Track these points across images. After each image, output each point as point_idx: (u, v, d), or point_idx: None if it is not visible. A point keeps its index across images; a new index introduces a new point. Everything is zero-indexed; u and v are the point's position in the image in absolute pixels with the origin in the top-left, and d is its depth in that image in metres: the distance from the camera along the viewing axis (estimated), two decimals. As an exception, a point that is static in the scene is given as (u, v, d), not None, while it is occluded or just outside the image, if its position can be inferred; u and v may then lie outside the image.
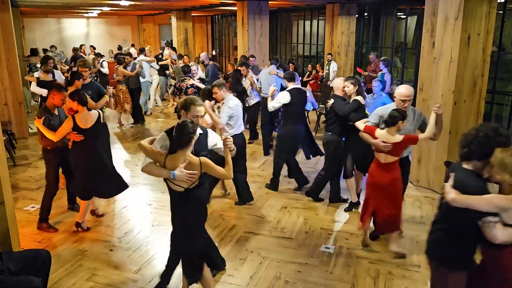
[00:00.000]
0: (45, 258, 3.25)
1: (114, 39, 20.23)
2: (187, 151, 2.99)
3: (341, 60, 12.17)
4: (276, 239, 4.53)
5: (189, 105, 3.22)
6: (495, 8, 5.22)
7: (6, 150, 6.08)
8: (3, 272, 2.96)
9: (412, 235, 4.55)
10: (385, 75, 8.82)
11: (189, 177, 2.95)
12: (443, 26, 5.28)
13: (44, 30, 18.49)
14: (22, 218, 4.93)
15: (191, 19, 15.80)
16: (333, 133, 5.07)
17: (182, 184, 3.01)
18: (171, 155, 3.00)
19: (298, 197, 5.63)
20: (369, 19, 12.66)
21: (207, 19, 21.67)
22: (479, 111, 5.53)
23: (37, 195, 5.65)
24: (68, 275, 3.85)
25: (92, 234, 4.65)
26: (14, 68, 8.11)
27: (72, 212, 5.15)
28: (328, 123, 5.16)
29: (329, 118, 5.12)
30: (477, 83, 5.38)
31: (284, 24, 16.92)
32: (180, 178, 2.95)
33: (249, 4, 9.89)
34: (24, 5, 12.49)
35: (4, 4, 7.79)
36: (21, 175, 6.46)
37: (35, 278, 3.02)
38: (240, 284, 3.73)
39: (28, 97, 10.86)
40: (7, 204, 3.54)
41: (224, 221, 4.94)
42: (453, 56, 5.20)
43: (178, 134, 2.96)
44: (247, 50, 10.16)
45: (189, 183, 3.00)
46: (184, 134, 2.94)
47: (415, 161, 5.96)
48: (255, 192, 5.76)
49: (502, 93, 9.10)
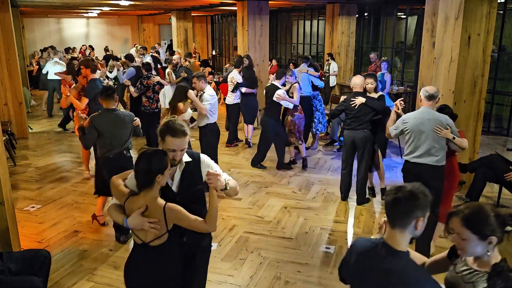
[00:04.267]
0: (45, 258, 3.25)
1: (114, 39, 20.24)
2: (152, 193, 2.27)
3: (341, 60, 12.17)
4: (276, 239, 4.53)
5: (163, 134, 2.36)
6: (496, 8, 5.21)
7: (6, 150, 6.08)
8: (3, 272, 2.95)
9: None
10: (385, 75, 8.82)
11: (150, 226, 2.23)
12: (443, 26, 5.28)
13: (44, 30, 18.50)
14: (22, 218, 4.92)
15: (191, 19, 15.80)
16: (368, 130, 5.11)
17: (145, 236, 2.30)
18: (132, 197, 2.32)
19: (298, 197, 5.63)
20: (369, 19, 12.67)
21: (207, 19, 21.68)
22: (479, 111, 5.53)
23: (37, 195, 5.65)
24: (68, 275, 3.85)
25: (92, 234, 4.65)
26: (14, 68, 8.10)
27: (72, 212, 5.15)
28: (359, 121, 5.08)
29: (359, 116, 5.06)
30: (477, 83, 5.38)
31: (284, 24, 16.92)
32: (136, 226, 2.26)
33: (249, 4, 9.88)
34: (24, 5, 12.49)
35: (4, 4, 7.79)
36: (21, 175, 6.45)
37: (35, 278, 3.01)
38: (240, 284, 3.73)
39: (28, 97, 10.85)
40: (7, 204, 3.54)
41: (224, 221, 4.94)
42: (453, 56, 5.20)
43: (139, 169, 2.26)
44: (247, 50, 10.16)
45: (152, 235, 2.28)
46: (141, 170, 2.25)
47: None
48: (255, 192, 5.76)
49: (502, 94, 9.10)
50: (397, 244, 1.81)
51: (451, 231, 1.86)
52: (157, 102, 7.33)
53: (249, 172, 6.58)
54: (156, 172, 2.22)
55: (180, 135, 2.33)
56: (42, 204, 5.39)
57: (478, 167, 5.13)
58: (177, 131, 2.33)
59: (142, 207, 2.25)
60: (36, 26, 18.22)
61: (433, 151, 3.86)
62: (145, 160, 2.24)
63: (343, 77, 12.07)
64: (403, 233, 1.80)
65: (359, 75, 5.42)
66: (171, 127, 2.34)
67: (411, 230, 1.79)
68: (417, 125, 3.90)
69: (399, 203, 1.78)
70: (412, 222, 1.77)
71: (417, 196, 1.77)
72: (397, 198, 1.78)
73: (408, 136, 3.99)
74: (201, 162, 2.52)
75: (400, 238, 1.80)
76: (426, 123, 3.86)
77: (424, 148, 3.87)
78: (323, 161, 6.96)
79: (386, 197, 1.84)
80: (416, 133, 3.90)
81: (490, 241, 1.78)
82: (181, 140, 2.34)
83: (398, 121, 4.12)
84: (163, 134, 2.36)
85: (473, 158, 5.65)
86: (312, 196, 5.66)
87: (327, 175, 6.44)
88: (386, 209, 1.84)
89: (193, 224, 2.28)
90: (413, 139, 3.94)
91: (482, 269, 1.83)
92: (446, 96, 5.35)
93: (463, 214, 1.82)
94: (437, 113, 3.93)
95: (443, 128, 3.81)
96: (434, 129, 3.82)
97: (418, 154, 3.92)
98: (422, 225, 1.80)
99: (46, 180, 6.22)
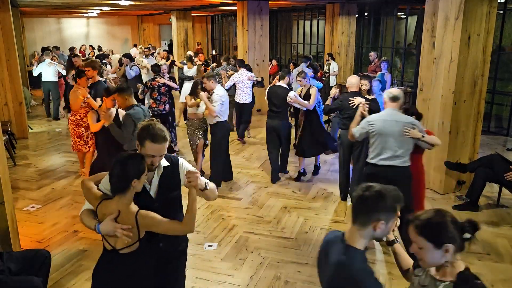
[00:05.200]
0: (45, 258, 3.25)
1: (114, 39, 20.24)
2: (125, 198, 2.18)
3: (341, 60, 12.17)
4: (276, 239, 4.53)
5: (142, 139, 2.24)
6: (496, 8, 5.21)
7: (6, 150, 6.08)
8: (3, 272, 2.95)
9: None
10: (385, 75, 8.82)
11: (122, 233, 2.13)
12: (443, 26, 5.28)
13: (44, 30, 18.49)
14: (22, 218, 4.92)
15: (191, 19, 15.81)
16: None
17: (115, 242, 2.20)
18: (105, 201, 2.21)
19: (298, 197, 5.63)
20: (369, 19, 12.67)
21: (207, 19, 21.69)
22: (479, 111, 5.53)
23: (37, 195, 5.66)
24: (68, 275, 3.85)
25: (92, 234, 4.62)
26: (14, 68, 8.10)
27: (72, 212, 5.15)
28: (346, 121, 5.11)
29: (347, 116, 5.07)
30: (477, 83, 5.37)
31: (284, 24, 16.92)
32: (108, 233, 2.15)
33: (249, 4, 9.88)
34: (24, 5, 12.49)
35: (4, 4, 7.79)
36: (21, 175, 6.45)
37: (35, 278, 3.02)
38: (240, 284, 3.73)
39: (28, 97, 10.86)
40: (7, 204, 3.54)
41: (224, 221, 4.94)
42: (453, 56, 5.20)
43: (112, 173, 2.18)
44: (247, 50, 10.16)
45: (124, 242, 2.18)
46: (117, 176, 2.16)
47: (415, 161, 5.97)
48: (255, 192, 5.76)
49: (502, 93, 9.10)
50: (352, 240, 1.81)
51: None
52: (165, 103, 7.20)
53: (249, 172, 6.58)
54: (132, 177, 2.13)
55: (160, 140, 2.22)
56: (42, 204, 5.39)
57: (478, 167, 5.14)
58: (157, 137, 2.22)
59: (114, 213, 2.16)
60: (36, 26, 18.22)
61: (400, 152, 3.87)
62: (121, 164, 2.14)
63: (343, 77, 12.06)
64: (361, 232, 1.79)
65: (355, 75, 5.42)
66: (151, 132, 2.22)
67: (370, 231, 1.78)
68: (384, 127, 3.89)
69: (364, 201, 1.77)
70: (372, 223, 1.76)
71: (384, 198, 1.75)
72: (363, 196, 1.77)
73: (374, 138, 3.96)
74: (179, 166, 2.43)
75: (357, 235, 1.80)
76: (394, 125, 3.85)
77: (392, 149, 3.87)
78: (323, 161, 6.96)
79: (354, 192, 1.83)
80: (384, 135, 3.89)
81: (446, 249, 1.71)
82: (161, 146, 2.24)
83: (363, 122, 4.06)
84: (142, 139, 2.23)
85: (473, 158, 5.65)
86: (312, 196, 5.66)
87: (327, 175, 6.44)
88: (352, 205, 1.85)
89: (170, 227, 2.21)
90: (380, 141, 3.92)
91: (446, 279, 1.77)
92: (446, 96, 5.35)
93: (418, 222, 1.76)
94: (403, 115, 3.97)
95: (410, 129, 3.84)
96: (403, 130, 3.82)
97: (386, 157, 3.90)
98: (384, 228, 1.77)
99: (46, 180, 6.22)
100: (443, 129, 5.46)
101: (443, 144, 5.49)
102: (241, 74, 8.02)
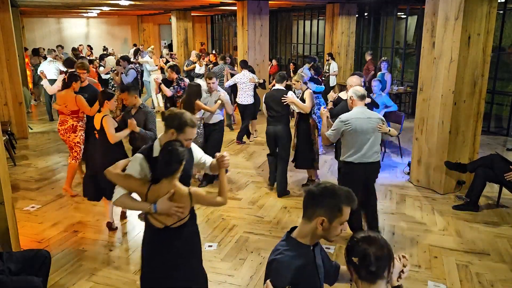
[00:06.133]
0: (45, 258, 3.25)
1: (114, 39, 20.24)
2: (174, 180, 2.50)
3: (341, 60, 12.18)
4: (276, 240, 4.51)
5: (183, 126, 2.60)
6: (496, 8, 5.21)
7: (6, 150, 6.08)
8: (3, 272, 2.96)
9: (412, 235, 4.55)
10: (385, 75, 8.82)
11: (176, 210, 2.47)
12: (443, 26, 5.28)
13: (44, 30, 18.51)
14: (22, 218, 4.92)
15: (191, 19, 15.81)
16: None
17: (166, 220, 2.52)
18: (154, 186, 2.50)
19: (298, 197, 5.62)
20: (369, 19, 12.67)
21: (207, 19, 21.69)
22: (479, 111, 5.53)
23: (37, 195, 5.66)
24: (68, 275, 3.85)
25: (92, 234, 4.65)
26: (14, 68, 8.10)
27: (72, 212, 5.15)
28: None
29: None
30: (477, 83, 5.37)
31: (284, 24, 16.92)
32: (164, 211, 2.46)
33: (249, 4, 9.88)
34: (24, 5, 12.49)
35: (4, 4, 7.79)
36: (21, 175, 6.45)
37: (35, 278, 3.02)
38: (240, 284, 3.73)
39: (28, 97, 10.85)
40: (7, 204, 3.54)
41: (224, 221, 4.94)
42: (453, 56, 5.20)
43: (165, 160, 2.46)
44: (247, 50, 10.16)
45: (176, 219, 2.51)
46: (173, 161, 2.44)
47: (415, 161, 5.97)
48: (255, 192, 5.76)
49: (502, 93, 9.10)
50: (296, 232, 1.86)
51: None
52: None
53: (249, 172, 6.58)
54: (180, 162, 2.45)
55: (195, 125, 2.67)
56: (42, 204, 5.38)
57: (478, 167, 5.13)
58: (194, 122, 2.66)
59: (168, 193, 2.45)
60: (36, 26, 18.23)
61: (376, 148, 4.05)
62: (169, 152, 2.44)
63: (343, 77, 12.07)
64: (305, 225, 1.82)
65: (356, 75, 5.38)
66: (189, 118, 2.64)
67: (313, 227, 1.79)
68: (360, 124, 3.98)
69: (311, 196, 1.80)
70: (314, 219, 1.78)
71: (331, 195, 1.77)
72: (311, 191, 1.81)
73: (351, 137, 4.01)
74: (192, 150, 2.84)
75: (301, 228, 1.84)
76: (368, 122, 4.00)
77: (369, 146, 4.01)
78: (323, 161, 6.96)
79: (306, 188, 1.87)
80: (360, 132, 3.98)
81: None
82: (195, 129, 2.70)
83: (337, 124, 4.05)
84: (182, 126, 2.60)
85: (473, 158, 5.65)
86: (312, 196, 5.64)
87: (327, 175, 6.43)
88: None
89: (212, 201, 2.61)
90: (357, 139, 4.00)
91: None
92: (446, 96, 5.35)
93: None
94: (372, 111, 4.19)
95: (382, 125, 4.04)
96: (377, 126, 4.00)
97: (364, 153, 4.02)
98: (327, 228, 1.77)
99: (46, 180, 6.22)
100: (443, 129, 5.46)
101: (443, 144, 5.50)
102: (243, 75, 8.04)
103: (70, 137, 5.52)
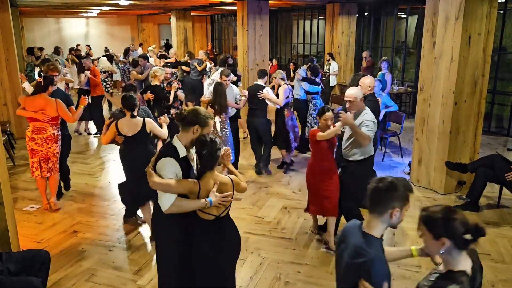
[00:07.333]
0: (44, 258, 3.25)
1: (114, 39, 20.22)
2: (215, 171, 2.68)
3: (342, 60, 12.16)
4: (276, 240, 4.52)
5: (207, 119, 2.73)
6: (496, 8, 5.21)
7: (6, 150, 6.07)
8: (3, 273, 2.95)
9: (412, 235, 4.54)
10: (386, 74, 8.81)
11: (223, 200, 2.62)
12: (443, 26, 5.27)
13: (44, 30, 18.48)
14: (22, 219, 4.91)
15: (190, 18, 15.78)
16: None
17: (215, 211, 2.66)
18: (201, 181, 2.64)
19: (298, 198, 5.62)
20: (370, 18, 12.66)
21: (207, 19, 21.66)
22: (480, 111, 5.52)
23: (37, 195, 5.64)
24: (68, 275, 3.84)
25: (92, 234, 4.64)
26: (13, 68, 8.09)
27: (72, 212, 5.14)
28: None
29: None
30: (477, 83, 5.37)
31: (284, 24, 16.91)
32: (216, 203, 2.61)
33: (249, 3, 9.87)
34: (23, 5, 12.47)
35: (3, 4, 7.78)
36: (20, 175, 6.44)
37: (34, 278, 3.01)
38: (240, 284, 3.72)
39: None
40: (7, 205, 3.53)
41: (224, 221, 4.92)
42: (453, 56, 5.19)
43: (208, 153, 2.59)
44: (247, 50, 10.15)
45: (222, 208, 2.67)
46: (214, 152, 2.61)
47: (415, 161, 5.96)
48: (255, 192, 5.75)
49: (503, 93, 9.09)
50: (369, 228, 2.00)
51: None
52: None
53: (249, 172, 6.57)
54: (217, 155, 2.63)
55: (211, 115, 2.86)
56: (42, 204, 5.37)
57: (478, 167, 5.12)
58: (211, 114, 2.82)
59: (215, 185, 2.61)
60: (35, 26, 18.20)
61: None
62: (214, 143, 2.60)
63: (343, 77, 12.06)
64: (379, 220, 1.98)
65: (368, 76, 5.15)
66: (207, 112, 2.79)
67: (387, 219, 1.97)
68: None
69: (379, 192, 1.95)
70: (388, 211, 1.94)
71: (397, 187, 1.94)
72: (377, 188, 1.96)
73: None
74: None
75: (374, 224, 1.99)
76: None
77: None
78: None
79: (369, 185, 2.01)
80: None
81: (442, 242, 1.83)
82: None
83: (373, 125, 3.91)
84: (205, 119, 2.72)
85: (473, 158, 5.64)
86: (312, 196, 5.65)
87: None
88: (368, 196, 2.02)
89: (244, 187, 2.82)
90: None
91: (442, 271, 1.92)
92: (447, 96, 5.34)
93: (425, 212, 1.92)
94: None
95: None
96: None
97: None
98: (399, 215, 1.96)
99: (46, 180, 6.20)
100: (444, 129, 5.45)
101: (443, 144, 5.49)
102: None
103: (52, 147, 4.91)
